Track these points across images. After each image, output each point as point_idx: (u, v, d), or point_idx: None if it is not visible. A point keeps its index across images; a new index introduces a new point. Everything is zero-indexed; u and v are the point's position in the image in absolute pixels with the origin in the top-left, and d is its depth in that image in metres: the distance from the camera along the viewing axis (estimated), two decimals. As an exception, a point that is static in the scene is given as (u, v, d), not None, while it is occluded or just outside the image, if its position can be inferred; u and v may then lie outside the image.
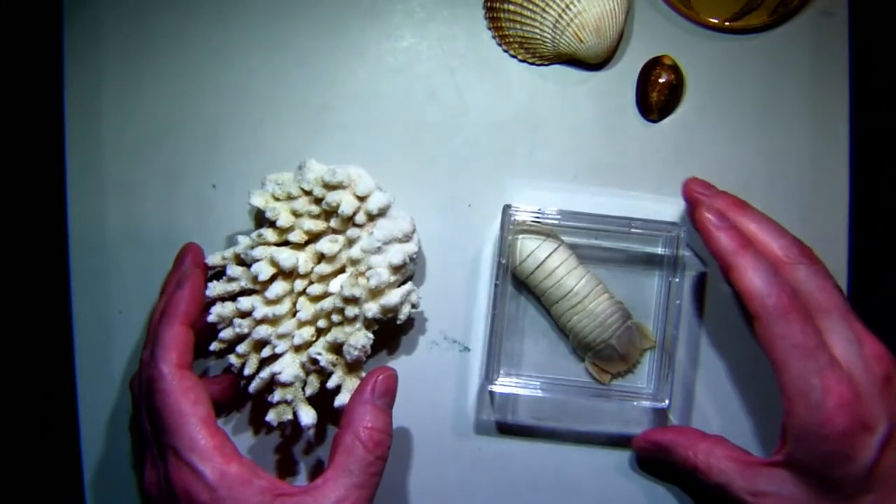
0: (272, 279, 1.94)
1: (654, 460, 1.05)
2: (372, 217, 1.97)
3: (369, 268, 1.98)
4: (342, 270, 1.98)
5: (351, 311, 1.90)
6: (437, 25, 2.22)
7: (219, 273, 2.02)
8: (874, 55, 2.09)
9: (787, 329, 0.74)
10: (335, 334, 1.88)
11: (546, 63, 2.15)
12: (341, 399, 1.92)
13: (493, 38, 2.16)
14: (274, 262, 1.92)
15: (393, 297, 1.95)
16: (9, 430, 1.95)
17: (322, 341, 1.92)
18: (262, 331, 1.92)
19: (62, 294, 2.05)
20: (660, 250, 2.11)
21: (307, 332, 1.93)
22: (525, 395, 2.09)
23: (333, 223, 2.00)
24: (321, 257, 1.97)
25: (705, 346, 2.08)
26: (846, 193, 2.08)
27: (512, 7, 2.11)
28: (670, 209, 2.09)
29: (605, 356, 2.06)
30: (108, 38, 2.13)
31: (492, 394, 2.12)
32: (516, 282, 2.14)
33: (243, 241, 2.01)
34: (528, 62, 2.14)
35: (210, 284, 1.99)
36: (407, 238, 1.99)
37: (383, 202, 1.95)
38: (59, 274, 2.05)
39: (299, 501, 1.17)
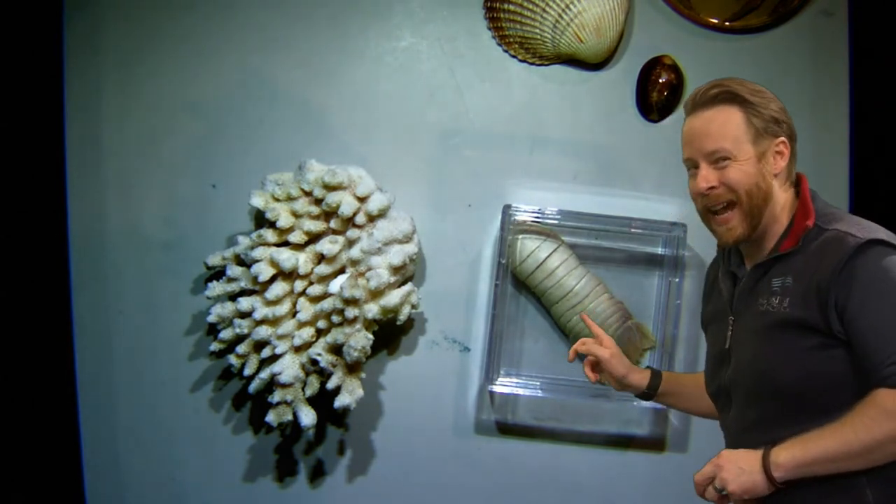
0: (272, 280, 1.93)
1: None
2: (372, 218, 1.97)
3: (369, 269, 1.98)
4: (342, 271, 1.98)
5: (351, 311, 1.89)
6: (436, 25, 2.22)
7: (219, 273, 2.03)
8: (874, 55, 2.09)
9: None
10: (335, 335, 1.88)
11: (546, 63, 2.16)
12: (341, 400, 1.92)
13: (493, 38, 2.17)
14: (274, 263, 1.92)
15: (393, 297, 1.95)
16: (9, 430, 1.95)
17: (322, 342, 1.92)
18: (262, 331, 1.92)
19: (62, 294, 2.05)
20: (660, 250, 2.11)
21: (307, 333, 1.93)
22: (525, 395, 2.10)
23: (333, 224, 2.00)
24: (321, 258, 1.97)
25: (705, 346, 2.07)
26: (846, 192, 2.08)
27: (512, 7, 2.11)
28: (670, 209, 2.09)
29: (605, 356, 2.05)
30: (108, 39, 2.12)
31: (492, 394, 2.12)
32: (516, 282, 2.14)
33: (243, 241, 2.01)
34: (528, 62, 2.14)
35: (209, 285, 1.99)
36: (407, 239, 1.99)
37: (383, 203, 1.95)
38: (59, 274, 2.04)
39: None
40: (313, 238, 1.95)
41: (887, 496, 1.25)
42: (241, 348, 1.94)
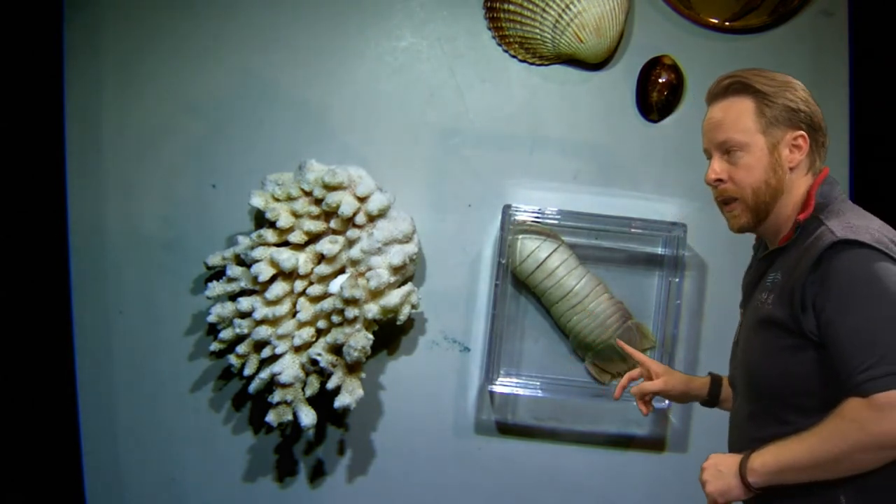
0: (272, 280, 1.94)
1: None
2: (372, 218, 1.97)
3: (369, 269, 1.98)
4: (342, 271, 1.98)
5: (351, 312, 1.89)
6: (436, 25, 2.22)
7: (219, 273, 2.03)
8: (874, 55, 2.09)
9: None
10: (335, 335, 1.88)
11: (546, 63, 2.16)
12: (341, 400, 1.92)
13: (493, 38, 2.17)
14: (274, 263, 1.92)
15: (393, 297, 1.95)
16: (9, 430, 1.95)
17: (322, 342, 1.92)
18: (262, 331, 1.92)
19: (62, 294, 2.05)
20: (660, 250, 2.11)
21: (307, 333, 1.93)
22: (525, 395, 2.10)
23: (333, 224, 2.00)
24: (321, 258, 1.98)
25: (705, 346, 2.08)
26: (846, 192, 2.08)
27: (512, 7, 2.11)
28: (670, 209, 2.09)
29: (605, 356, 2.06)
30: (108, 39, 2.12)
31: (492, 394, 2.12)
32: (516, 282, 2.14)
33: (243, 241, 2.01)
34: (528, 62, 2.14)
35: (209, 285, 1.99)
36: (407, 239, 1.99)
37: (383, 203, 1.95)
38: (59, 274, 2.04)
39: None
40: (313, 238, 1.95)
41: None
42: (241, 348, 1.94)
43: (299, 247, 1.94)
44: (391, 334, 2.07)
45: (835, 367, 1.21)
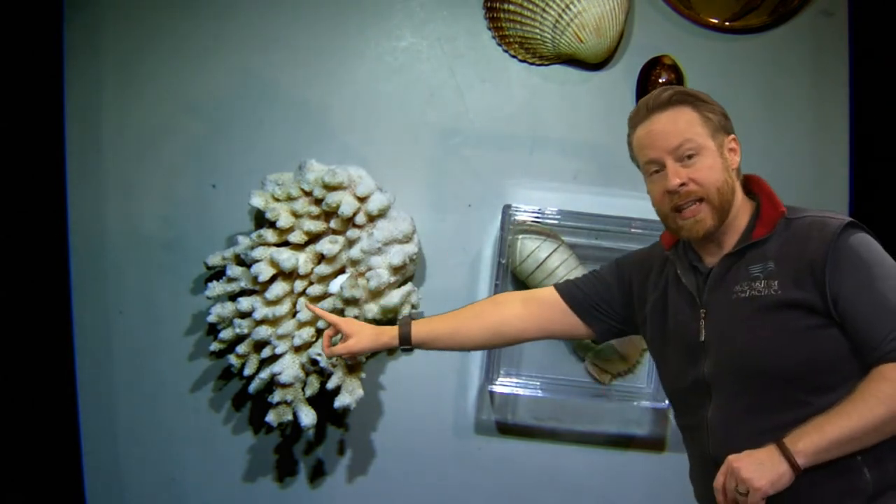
0: (272, 280, 1.93)
1: None
2: (372, 218, 1.97)
3: (369, 268, 1.98)
4: (342, 271, 1.98)
5: (351, 311, 1.90)
6: (436, 25, 2.22)
7: (219, 273, 2.03)
8: (874, 55, 2.09)
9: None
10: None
11: (546, 63, 2.16)
12: (341, 400, 1.92)
13: (493, 38, 2.17)
14: (274, 263, 1.92)
15: (393, 297, 1.95)
16: (9, 430, 1.95)
17: (322, 342, 1.92)
18: (262, 331, 1.92)
19: (62, 294, 2.04)
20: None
21: (307, 333, 1.93)
22: (525, 395, 2.10)
23: (333, 224, 2.00)
24: (321, 258, 1.98)
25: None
26: (846, 192, 2.08)
27: (512, 7, 2.11)
28: (670, 209, 2.08)
29: (605, 356, 2.06)
30: (108, 39, 2.12)
31: (492, 394, 2.12)
32: (516, 282, 2.14)
33: (243, 241, 2.01)
34: (528, 62, 2.14)
35: (209, 285, 1.99)
36: (407, 239, 1.99)
37: (383, 203, 1.95)
38: (59, 274, 2.04)
39: None
40: (313, 238, 1.95)
41: (883, 473, 1.28)
42: (241, 348, 1.94)
43: (299, 247, 1.94)
44: (391, 334, 2.06)
45: (859, 340, 1.29)
